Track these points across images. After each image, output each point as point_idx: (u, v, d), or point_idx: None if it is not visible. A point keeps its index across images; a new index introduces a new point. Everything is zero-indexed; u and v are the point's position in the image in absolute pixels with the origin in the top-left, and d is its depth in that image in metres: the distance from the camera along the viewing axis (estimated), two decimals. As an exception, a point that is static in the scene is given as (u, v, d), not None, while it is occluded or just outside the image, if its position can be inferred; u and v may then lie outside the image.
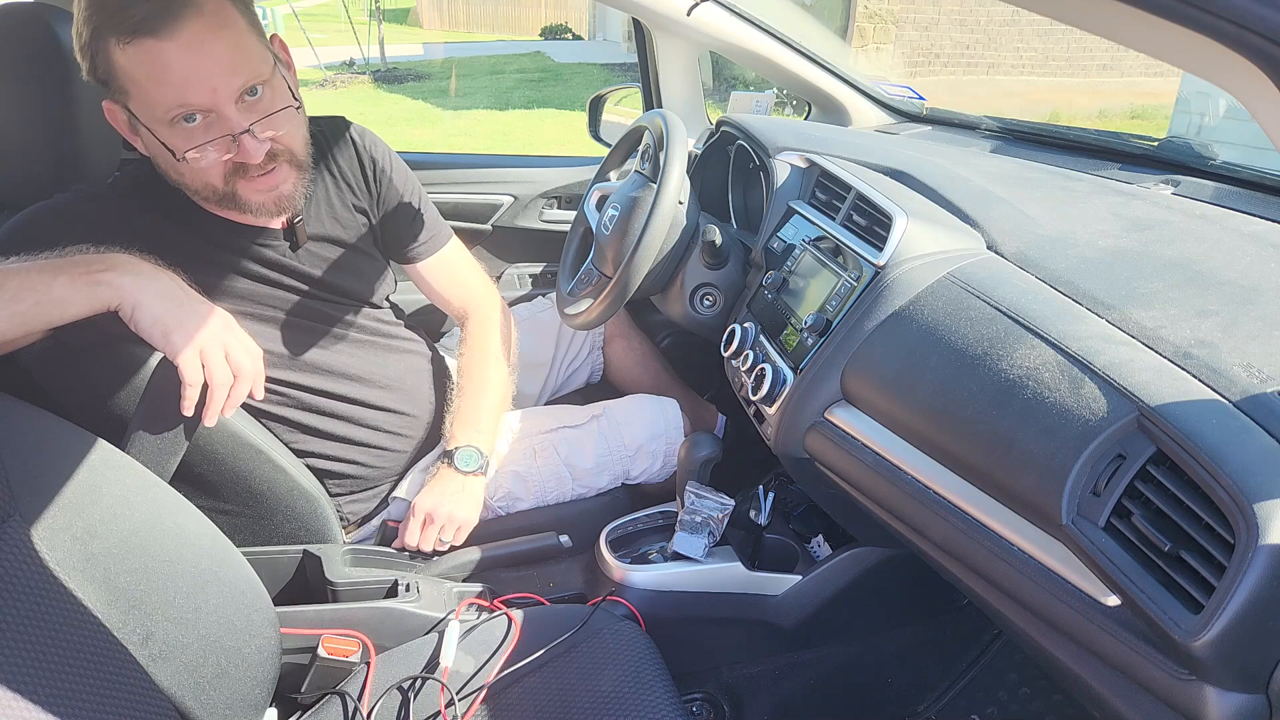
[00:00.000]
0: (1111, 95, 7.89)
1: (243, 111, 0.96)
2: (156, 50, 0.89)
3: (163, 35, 0.88)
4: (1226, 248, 0.92)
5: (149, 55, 0.89)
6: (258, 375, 0.95)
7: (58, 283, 0.84)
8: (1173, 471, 0.64)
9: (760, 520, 1.20)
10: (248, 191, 1.01)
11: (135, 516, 0.77)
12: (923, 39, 8.71)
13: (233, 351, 0.92)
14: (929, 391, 0.86)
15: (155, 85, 0.91)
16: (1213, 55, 0.53)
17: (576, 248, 1.52)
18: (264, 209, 1.04)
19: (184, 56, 0.90)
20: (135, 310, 0.87)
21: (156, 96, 0.91)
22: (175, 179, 1.00)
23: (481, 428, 1.25)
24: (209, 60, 0.91)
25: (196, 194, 1.02)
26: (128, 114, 0.95)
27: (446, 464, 1.21)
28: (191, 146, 0.94)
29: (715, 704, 1.22)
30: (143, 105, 0.93)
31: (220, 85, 0.93)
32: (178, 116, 0.93)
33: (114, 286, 0.86)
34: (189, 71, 0.90)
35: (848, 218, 1.14)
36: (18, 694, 0.59)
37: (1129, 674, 0.67)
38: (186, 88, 0.91)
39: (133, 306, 0.86)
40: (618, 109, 2.02)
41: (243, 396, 0.94)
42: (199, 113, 0.93)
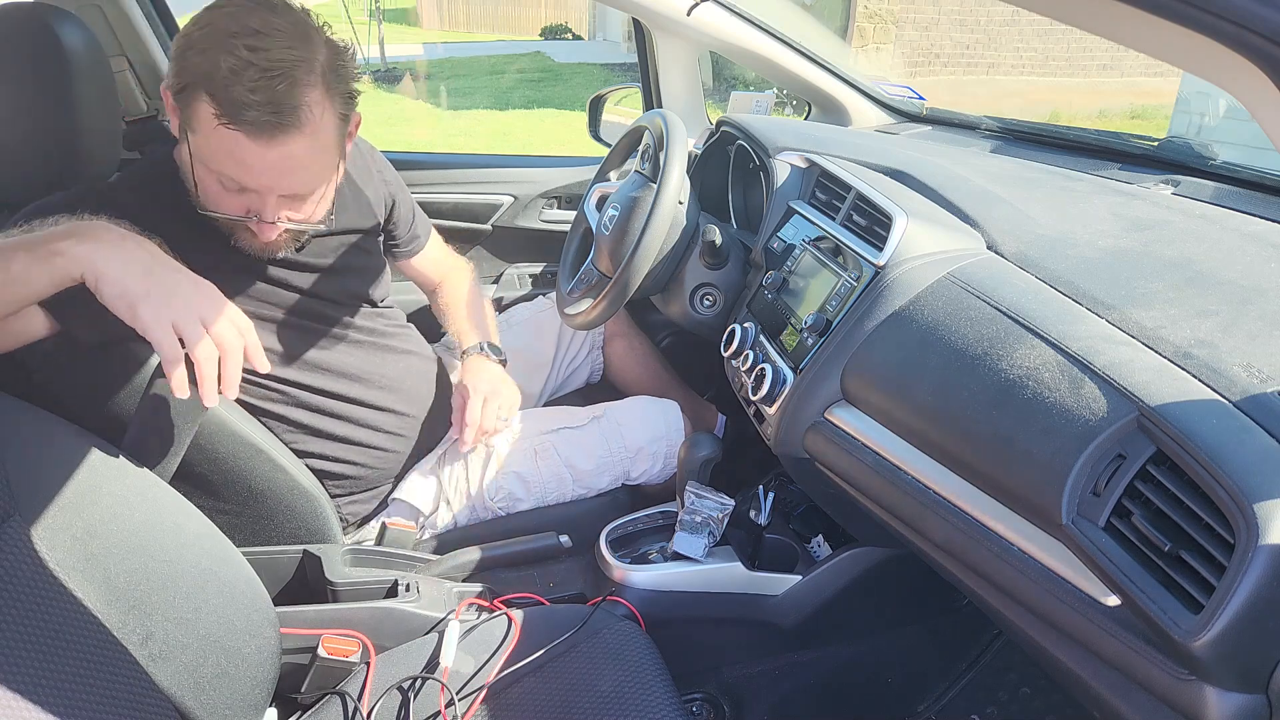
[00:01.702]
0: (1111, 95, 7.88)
1: (280, 205, 0.99)
2: (245, 145, 0.91)
3: (258, 140, 0.91)
4: (1226, 248, 0.92)
5: (236, 143, 0.91)
6: (251, 346, 0.84)
7: (16, 260, 0.76)
8: (1173, 471, 0.64)
9: (760, 520, 1.20)
10: (243, 236, 1.04)
11: (135, 516, 0.77)
12: (923, 39, 8.71)
13: (214, 323, 0.80)
14: (929, 391, 0.86)
15: (226, 160, 0.93)
16: (1213, 55, 0.53)
17: (576, 248, 1.52)
18: (251, 251, 1.06)
19: (263, 159, 0.92)
20: (99, 282, 0.76)
21: (220, 164, 0.93)
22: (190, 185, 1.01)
23: (489, 332, 1.41)
24: (281, 167, 0.94)
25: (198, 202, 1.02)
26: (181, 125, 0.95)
27: (478, 353, 1.33)
28: (219, 205, 0.98)
29: (715, 704, 1.22)
30: (205, 155, 0.94)
31: (277, 186, 0.96)
32: (232, 184, 0.95)
33: (72, 256, 0.76)
34: (259, 169, 0.93)
35: (848, 218, 1.14)
36: (18, 694, 0.59)
37: (1129, 674, 0.67)
38: (249, 176, 0.94)
39: (96, 277, 0.76)
40: (618, 109, 2.02)
41: (237, 372, 0.82)
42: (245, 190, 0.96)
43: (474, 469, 1.30)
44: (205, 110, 0.90)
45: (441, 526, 1.29)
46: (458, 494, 1.29)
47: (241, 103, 0.88)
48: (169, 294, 0.78)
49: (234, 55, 0.88)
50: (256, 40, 0.89)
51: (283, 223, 1.00)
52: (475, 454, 1.31)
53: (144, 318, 0.77)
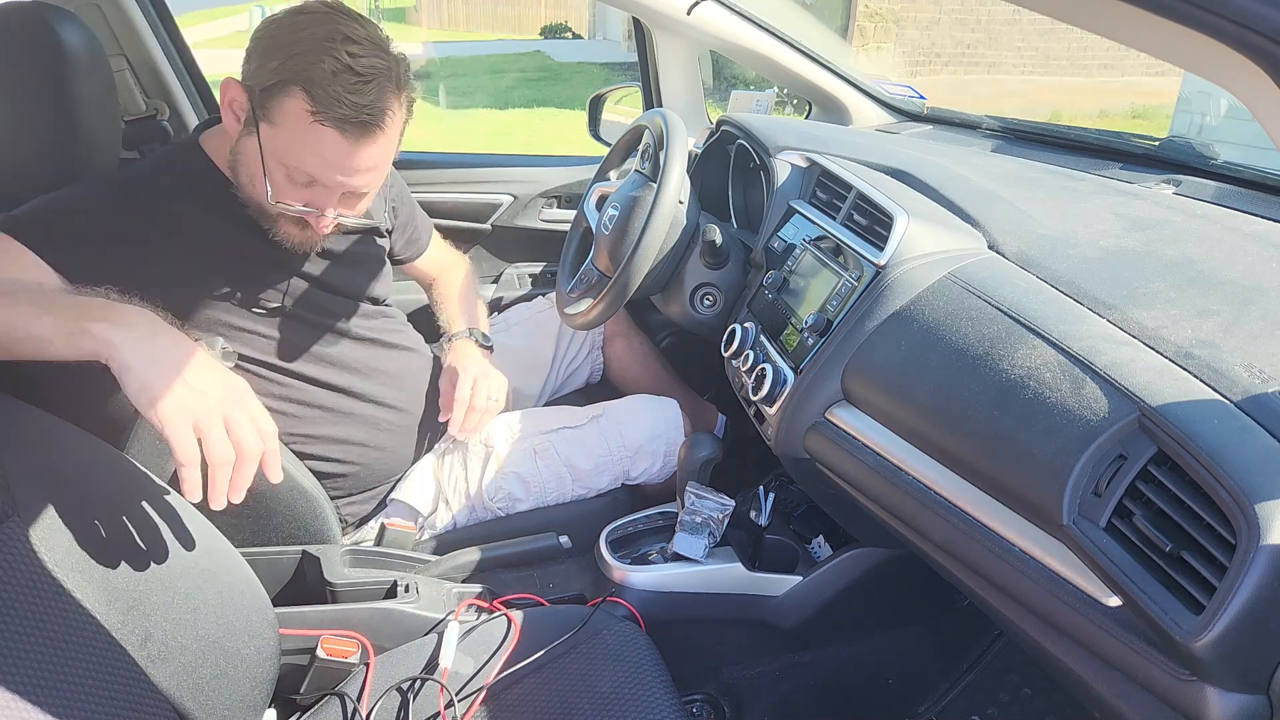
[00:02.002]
0: (1113, 94, 7.88)
1: (341, 201, 1.06)
2: (335, 142, 0.99)
3: (347, 134, 0.98)
4: (1228, 247, 0.91)
5: (326, 139, 0.98)
6: (269, 453, 0.80)
7: (44, 323, 0.77)
8: (1174, 472, 0.64)
9: (761, 521, 1.20)
10: (288, 229, 1.09)
11: (134, 517, 0.77)
12: (924, 38, 8.71)
13: (236, 425, 0.77)
14: (930, 391, 0.86)
15: (308, 154, 0.99)
16: (1214, 54, 0.52)
17: (576, 247, 1.52)
18: (289, 244, 1.11)
19: (346, 156, 1.00)
20: (122, 372, 0.75)
21: (301, 160, 1.00)
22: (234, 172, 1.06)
23: (479, 321, 1.44)
24: (360, 165, 1.02)
25: (241, 193, 1.07)
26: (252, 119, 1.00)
27: (465, 337, 1.36)
28: (285, 199, 1.03)
29: (715, 705, 1.22)
30: (280, 149, 1.00)
31: (348, 183, 1.03)
32: (310, 180, 1.02)
33: (101, 340, 0.75)
34: (339, 165, 1.01)
35: (848, 217, 1.14)
36: (17, 694, 0.59)
37: (1130, 674, 0.67)
38: (328, 171, 1.01)
39: (120, 367, 0.75)
40: (618, 108, 2.02)
41: (248, 478, 0.78)
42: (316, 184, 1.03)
43: (473, 469, 1.30)
44: (298, 106, 0.97)
45: (441, 527, 1.29)
46: (457, 494, 1.29)
47: (340, 102, 0.96)
48: (193, 392, 0.76)
49: (335, 59, 0.95)
50: (353, 47, 0.97)
51: (339, 218, 1.07)
52: (475, 454, 1.31)
53: (163, 414, 0.74)
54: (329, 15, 0.98)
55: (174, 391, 0.75)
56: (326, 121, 0.97)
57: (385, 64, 0.99)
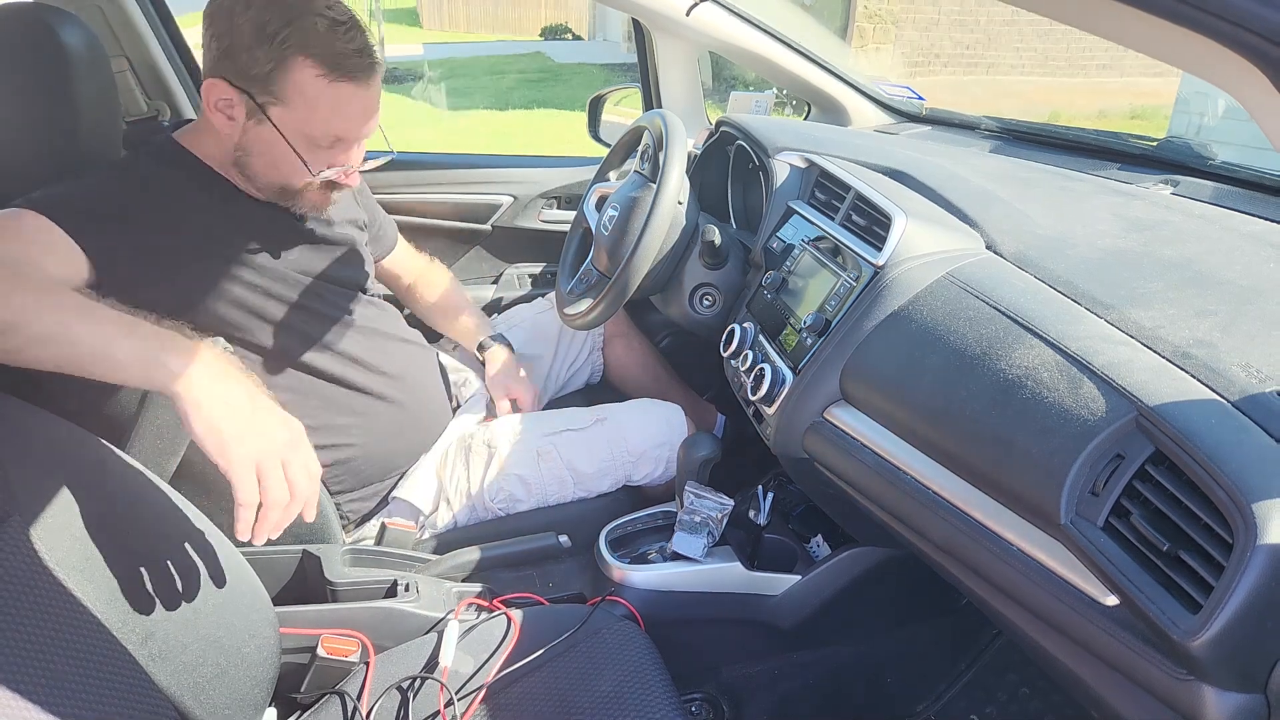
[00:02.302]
0: (1111, 95, 7.88)
1: (358, 151, 1.11)
2: (350, 93, 1.02)
3: (360, 82, 1.02)
4: (1225, 248, 0.92)
5: (344, 95, 1.02)
6: (312, 496, 0.83)
7: (122, 346, 0.77)
8: (1171, 471, 0.64)
9: (759, 520, 1.20)
10: (313, 196, 1.12)
11: (135, 516, 0.78)
12: (922, 39, 8.71)
13: (292, 469, 0.80)
14: (928, 391, 0.86)
15: (331, 116, 1.03)
16: (1211, 55, 0.53)
17: (576, 248, 1.52)
18: (310, 210, 1.16)
19: (364, 103, 1.04)
20: (190, 411, 0.76)
21: (326, 124, 1.03)
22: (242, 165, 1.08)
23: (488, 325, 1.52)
24: (374, 105, 1.06)
25: (256, 182, 1.10)
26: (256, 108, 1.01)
27: (500, 344, 1.46)
28: (325, 165, 1.07)
29: (714, 704, 1.22)
30: (302, 122, 1.02)
31: (367, 130, 1.08)
32: (334, 140, 1.05)
33: (174, 375, 0.77)
34: (360, 115, 1.05)
35: (847, 218, 1.14)
36: (17, 694, 0.59)
37: (1128, 674, 0.67)
38: (351, 126, 1.05)
39: (189, 404, 0.76)
40: (617, 109, 2.02)
41: (292, 518, 0.81)
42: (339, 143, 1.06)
43: (475, 469, 1.30)
44: (308, 74, 0.99)
45: (441, 526, 1.29)
46: (458, 494, 1.29)
47: (344, 54, 0.99)
48: (259, 436, 0.78)
49: (321, 16, 0.98)
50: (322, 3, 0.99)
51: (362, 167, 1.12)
52: (477, 454, 1.31)
53: (230, 457, 0.76)
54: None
55: (241, 436, 0.77)
56: (342, 78, 1.00)
57: (347, 9, 1.02)
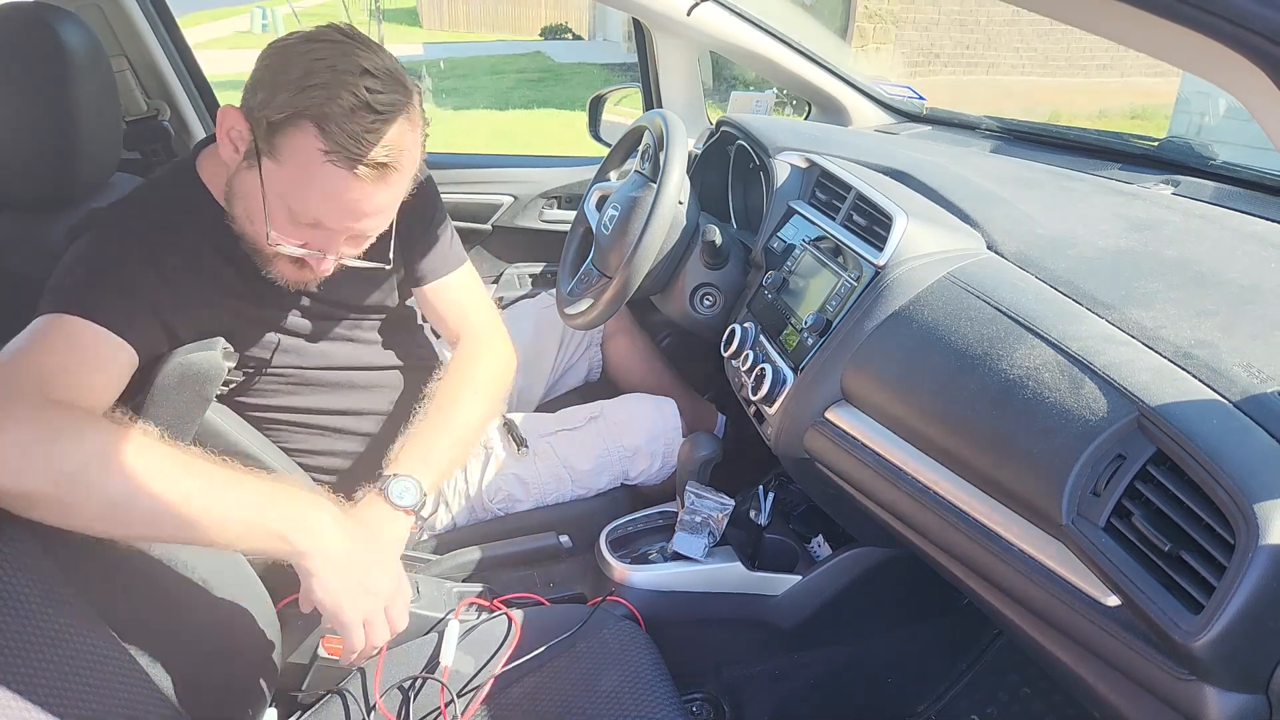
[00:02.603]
0: (1112, 95, 7.88)
1: (345, 243, 0.97)
2: (349, 184, 0.89)
3: (362, 180, 0.89)
4: (1226, 248, 0.92)
5: (340, 183, 0.89)
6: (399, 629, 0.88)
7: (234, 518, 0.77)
8: (1173, 472, 0.64)
9: (760, 520, 1.20)
10: (284, 267, 1.00)
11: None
12: (923, 39, 8.70)
13: (394, 610, 0.86)
14: (929, 391, 0.86)
15: (318, 198, 0.91)
16: (1212, 55, 0.52)
17: (576, 248, 1.52)
18: (283, 282, 1.02)
19: (357, 199, 0.91)
20: (307, 576, 0.80)
21: (308, 202, 0.91)
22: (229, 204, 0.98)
23: (431, 461, 1.04)
24: (366, 208, 0.93)
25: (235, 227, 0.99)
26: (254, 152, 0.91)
27: (377, 491, 0.98)
28: (286, 239, 0.95)
29: (715, 704, 1.22)
30: (285, 187, 0.91)
31: (355, 227, 0.95)
32: (315, 223, 0.93)
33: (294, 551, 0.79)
34: (349, 210, 0.92)
35: (848, 218, 1.14)
36: (17, 694, 0.59)
37: (1129, 674, 0.67)
38: (335, 216, 0.92)
39: (306, 572, 0.80)
40: (618, 109, 2.02)
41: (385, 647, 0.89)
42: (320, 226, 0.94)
43: (473, 470, 1.30)
44: (309, 144, 0.87)
45: (441, 527, 1.29)
46: (456, 495, 1.29)
47: (358, 140, 0.87)
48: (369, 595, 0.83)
49: (353, 94, 0.86)
50: (371, 81, 0.88)
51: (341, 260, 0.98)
52: (474, 456, 1.31)
53: (345, 619, 0.82)
54: (346, 45, 0.89)
55: (354, 598, 0.82)
56: (339, 162, 0.87)
57: (403, 99, 0.90)
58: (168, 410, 0.94)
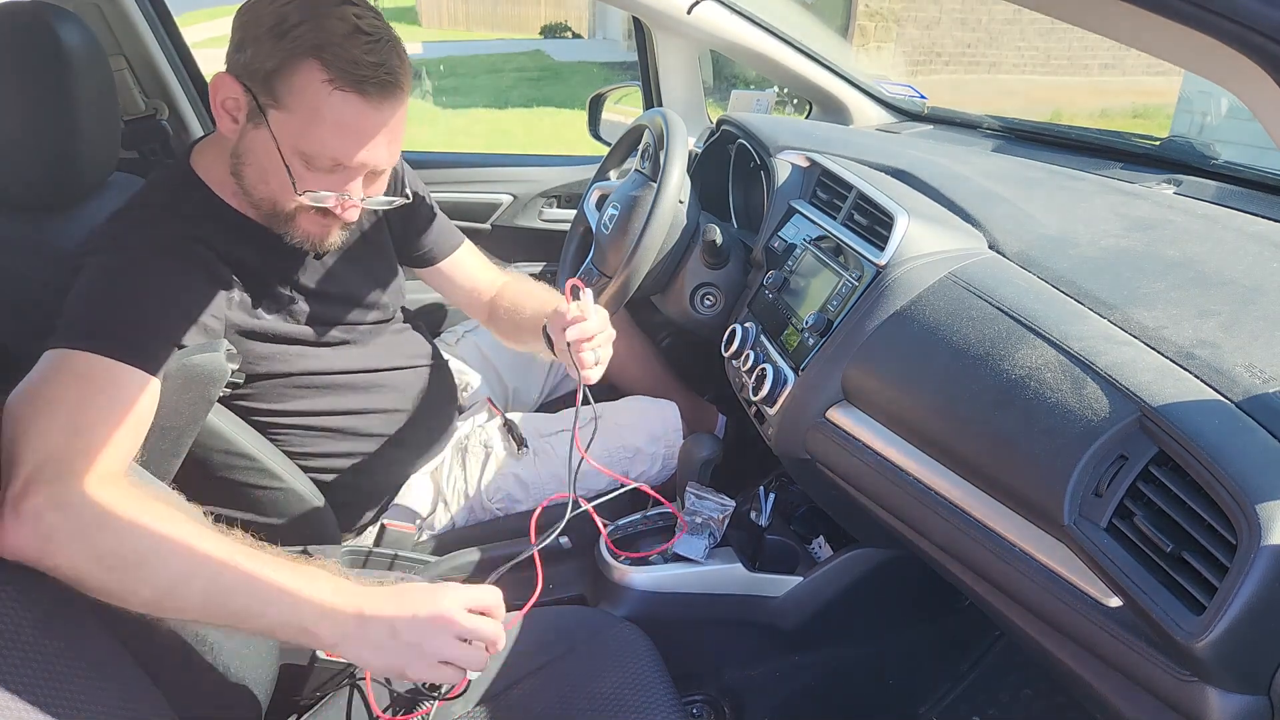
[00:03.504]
0: (1114, 94, 7.87)
1: (364, 183, 0.98)
2: (359, 109, 0.90)
3: (373, 101, 0.90)
4: (1229, 248, 0.91)
5: (350, 110, 0.90)
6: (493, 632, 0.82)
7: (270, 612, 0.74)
8: (1175, 472, 0.64)
9: (761, 521, 1.20)
10: (307, 223, 1.00)
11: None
12: (924, 37, 8.70)
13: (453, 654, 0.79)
14: (930, 391, 0.86)
15: (332, 133, 0.91)
16: (1214, 54, 0.52)
17: (576, 247, 1.52)
18: (305, 243, 1.03)
19: (371, 126, 0.92)
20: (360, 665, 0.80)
21: (323, 141, 0.91)
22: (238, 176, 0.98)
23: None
24: (382, 138, 0.93)
25: (249, 198, 0.99)
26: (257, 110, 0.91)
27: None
28: (313, 189, 0.95)
29: (716, 706, 1.22)
30: (297, 134, 0.91)
31: (371, 161, 0.95)
32: (333, 164, 0.93)
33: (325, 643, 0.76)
34: (363, 138, 0.92)
35: (849, 217, 1.14)
36: (16, 694, 0.59)
37: (1130, 675, 0.67)
38: (353, 151, 0.92)
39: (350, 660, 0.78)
40: (618, 108, 2.01)
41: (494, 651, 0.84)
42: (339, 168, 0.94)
43: (472, 471, 1.30)
44: (314, 78, 0.88)
45: (440, 528, 1.29)
46: (456, 495, 1.29)
47: (358, 63, 0.88)
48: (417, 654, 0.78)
49: (344, 20, 0.88)
50: (353, 9, 0.90)
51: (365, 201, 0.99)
52: (473, 456, 1.31)
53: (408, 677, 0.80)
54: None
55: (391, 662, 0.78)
56: (347, 86, 0.88)
57: (387, 25, 0.93)
58: (171, 412, 0.94)
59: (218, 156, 1.00)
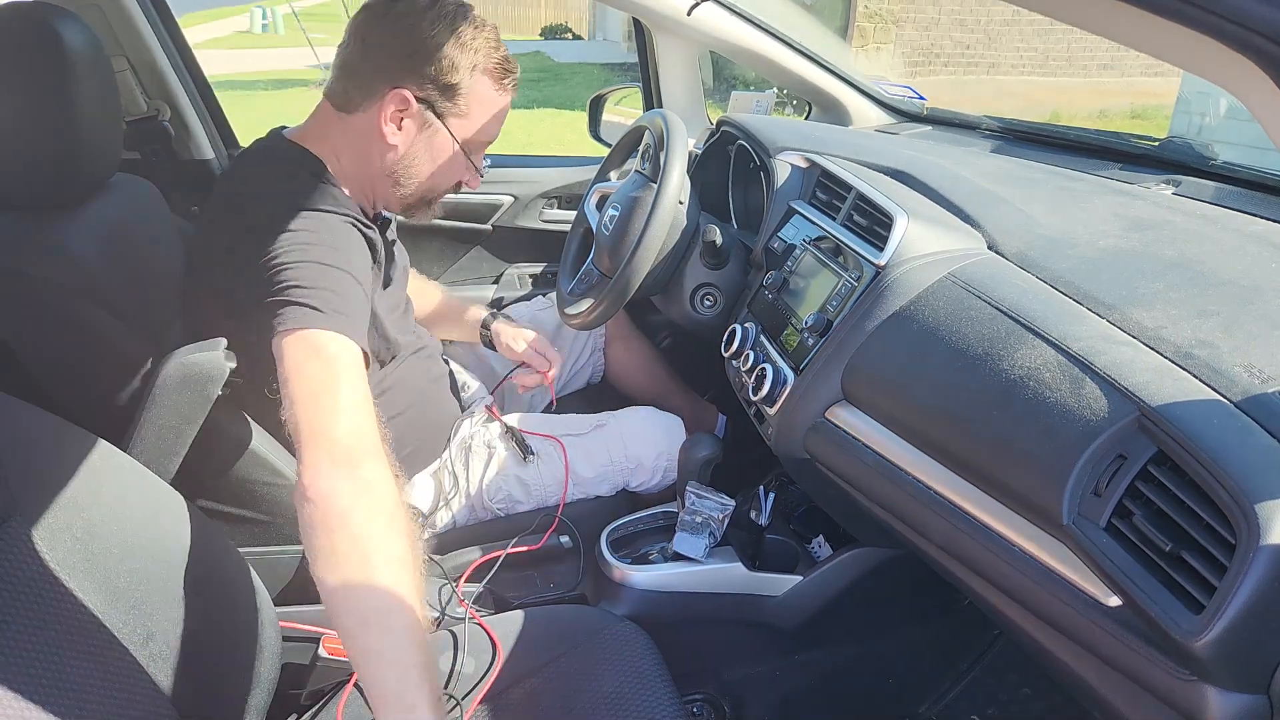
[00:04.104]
0: (1112, 95, 7.88)
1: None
2: (507, 100, 1.14)
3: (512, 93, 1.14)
4: (1227, 248, 0.92)
5: (503, 102, 1.13)
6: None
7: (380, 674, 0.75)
8: (1174, 472, 0.64)
9: (761, 521, 1.20)
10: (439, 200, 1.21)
11: (136, 517, 0.77)
12: (923, 39, 8.70)
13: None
14: (930, 391, 0.86)
15: (495, 122, 1.14)
16: (1213, 55, 0.52)
17: (577, 248, 1.52)
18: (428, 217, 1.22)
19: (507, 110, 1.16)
20: None
21: (490, 130, 1.14)
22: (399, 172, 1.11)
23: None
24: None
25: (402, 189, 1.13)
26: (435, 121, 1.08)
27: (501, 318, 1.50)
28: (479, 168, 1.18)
29: (716, 705, 1.22)
30: (472, 131, 1.12)
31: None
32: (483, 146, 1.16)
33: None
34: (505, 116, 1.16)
35: (848, 218, 1.14)
36: (18, 694, 0.59)
37: (1130, 675, 0.67)
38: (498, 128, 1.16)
39: None
40: (618, 109, 2.02)
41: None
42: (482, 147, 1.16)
43: (475, 470, 1.30)
44: (487, 87, 1.09)
45: (441, 526, 1.29)
46: (457, 494, 1.29)
47: (507, 65, 1.10)
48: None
49: (479, 33, 1.07)
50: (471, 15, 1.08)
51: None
52: (476, 455, 1.31)
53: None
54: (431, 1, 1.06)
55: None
56: (508, 86, 1.11)
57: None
58: (169, 411, 0.94)
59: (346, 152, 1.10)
